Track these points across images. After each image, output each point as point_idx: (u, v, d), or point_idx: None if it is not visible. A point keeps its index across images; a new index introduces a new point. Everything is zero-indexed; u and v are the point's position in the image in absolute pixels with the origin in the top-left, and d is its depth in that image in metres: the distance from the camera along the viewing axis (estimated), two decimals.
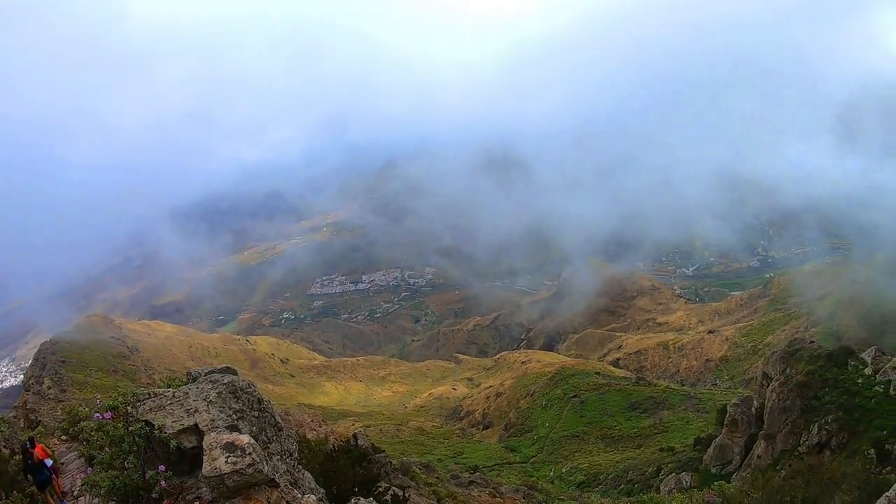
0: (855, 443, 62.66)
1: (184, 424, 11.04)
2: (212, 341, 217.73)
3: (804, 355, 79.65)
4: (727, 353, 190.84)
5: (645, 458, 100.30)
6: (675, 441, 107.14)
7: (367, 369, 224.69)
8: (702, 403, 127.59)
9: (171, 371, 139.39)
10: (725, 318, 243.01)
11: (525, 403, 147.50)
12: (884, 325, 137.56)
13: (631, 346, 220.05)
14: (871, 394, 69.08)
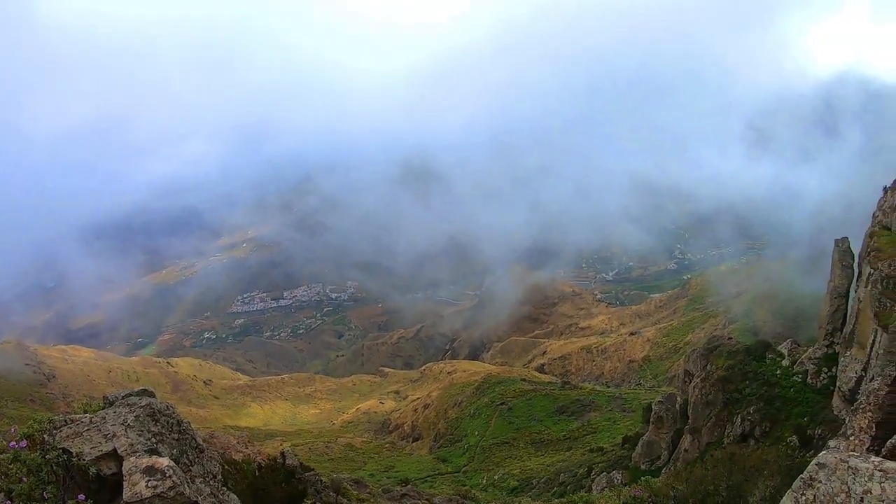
0: (777, 431, 64.07)
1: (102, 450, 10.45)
2: (132, 365, 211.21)
3: (723, 351, 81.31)
4: (649, 354, 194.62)
5: (575, 459, 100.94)
6: (603, 441, 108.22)
7: (293, 387, 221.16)
8: (627, 403, 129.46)
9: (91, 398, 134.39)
10: (646, 320, 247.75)
11: (453, 413, 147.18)
12: (798, 319, 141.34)
13: (555, 351, 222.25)
14: (789, 384, 71.05)
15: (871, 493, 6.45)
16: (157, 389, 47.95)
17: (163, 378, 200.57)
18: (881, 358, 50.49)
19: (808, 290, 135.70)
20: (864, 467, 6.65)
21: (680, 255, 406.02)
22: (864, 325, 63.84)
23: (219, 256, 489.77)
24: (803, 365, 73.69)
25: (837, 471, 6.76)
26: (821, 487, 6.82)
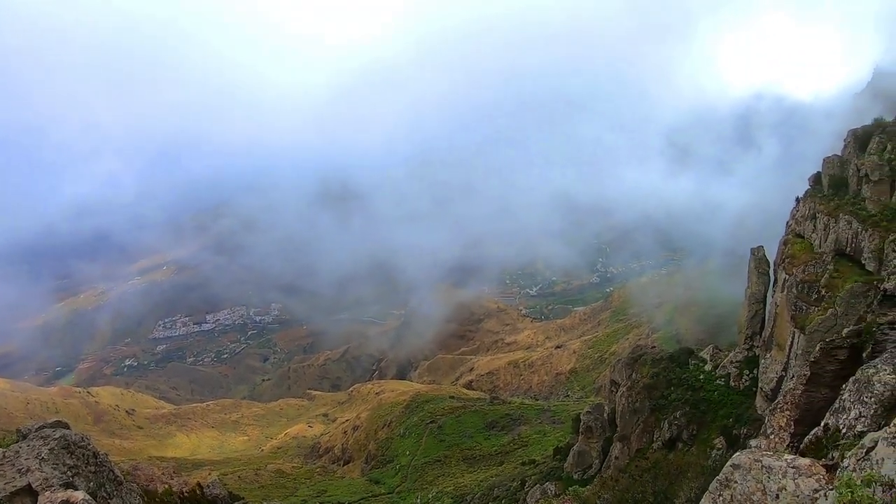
0: (705, 433, 65.53)
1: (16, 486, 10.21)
2: (50, 395, 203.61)
3: (648, 360, 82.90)
4: (576, 366, 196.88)
5: (508, 473, 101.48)
6: (535, 454, 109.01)
7: (219, 414, 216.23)
8: (556, 415, 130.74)
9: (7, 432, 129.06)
10: (571, 333, 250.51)
11: (383, 434, 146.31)
12: (719, 325, 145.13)
13: (482, 367, 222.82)
14: (713, 387, 72.92)
15: (785, 490, 6.72)
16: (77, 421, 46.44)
17: (83, 409, 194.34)
18: (799, 358, 52.17)
19: (727, 297, 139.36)
20: (777, 465, 6.94)
21: (602, 269, 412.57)
22: (782, 327, 66.10)
23: (137, 280, 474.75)
24: (725, 369, 76.06)
25: (752, 470, 7.04)
26: (737, 487, 7.08)
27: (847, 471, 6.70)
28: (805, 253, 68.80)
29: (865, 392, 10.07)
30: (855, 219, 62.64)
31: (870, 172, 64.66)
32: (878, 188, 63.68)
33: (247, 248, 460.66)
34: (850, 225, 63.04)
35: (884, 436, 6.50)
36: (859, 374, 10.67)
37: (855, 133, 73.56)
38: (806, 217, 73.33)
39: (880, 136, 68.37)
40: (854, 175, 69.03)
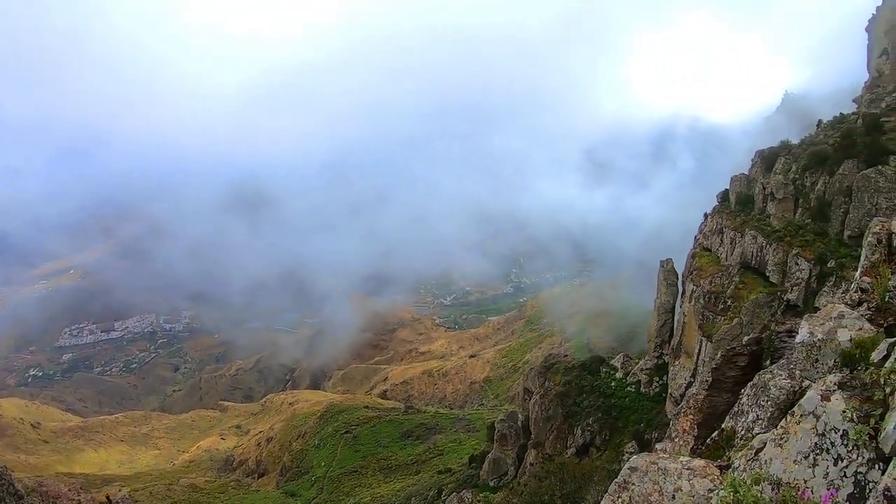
0: (617, 438, 67.10)
1: None
2: None
3: (560, 368, 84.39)
4: (490, 374, 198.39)
5: (425, 482, 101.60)
6: (451, 462, 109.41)
7: (129, 427, 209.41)
8: (472, 423, 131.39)
9: None
10: (485, 342, 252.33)
11: (298, 445, 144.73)
12: (630, 334, 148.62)
13: (397, 376, 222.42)
14: (624, 394, 74.80)
15: (681, 490, 7.09)
16: None
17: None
18: (707, 365, 53.92)
19: (637, 307, 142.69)
20: (673, 467, 7.31)
21: (516, 279, 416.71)
22: (690, 336, 68.50)
23: (41, 285, 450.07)
24: (636, 376, 78.27)
25: (649, 472, 7.40)
26: (634, 489, 7.43)
27: (738, 471, 7.07)
28: (712, 265, 71.51)
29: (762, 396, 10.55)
30: (760, 234, 65.60)
31: (775, 191, 67.79)
32: (782, 205, 66.81)
33: (155, 254, 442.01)
34: (755, 240, 65.90)
35: (771, 437, 6.91)
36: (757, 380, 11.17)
37: (762, 154, 77.30)
38: (713, 232, 76.33)
39: (786, 157, 72.10)
40: (760, 193, 72.27)
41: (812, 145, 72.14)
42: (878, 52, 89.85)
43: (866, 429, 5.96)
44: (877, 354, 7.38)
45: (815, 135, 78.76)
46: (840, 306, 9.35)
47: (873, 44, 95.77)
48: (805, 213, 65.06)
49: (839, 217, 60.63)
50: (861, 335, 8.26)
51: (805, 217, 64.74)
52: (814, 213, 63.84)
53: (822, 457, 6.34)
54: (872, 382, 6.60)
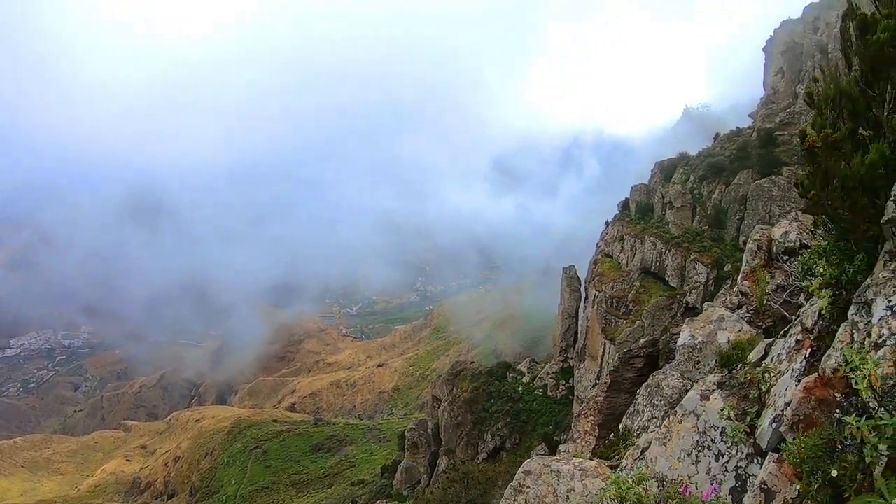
0: (527, 441, 68.11)
1: None
2: None
3: (467, 374, 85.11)
4: (398, 383, 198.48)
5: (339, 495, 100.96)
6: (363, 473, 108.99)
7: (28, 451, 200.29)
8: (382, 433, 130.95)
9: None
10: (392, 351, 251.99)
11: (207, 464, 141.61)
12: (535, 339, 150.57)
13: (304, 388, 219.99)
14: (531, 398, 75.95)
15: (574, 491, 7.35)
16: None
17: None
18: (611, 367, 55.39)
19: (543, 312, 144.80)
20: (565, 469, 7.57)
21: (422, 287, 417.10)
22: (594, 339, 70.19)
23: None
24: (543, 380, 79.76)
25: (542, 475, 7.64)
26: (529, 492, 7.66)
27: (626, 470, 7.36)
28: (614, 271, 73.72)
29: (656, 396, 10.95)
30: (660, 240, 68.20)
31: (673, 199, 70.66)
32: (680, 213, 69.69)
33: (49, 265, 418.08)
34: (655, 246, 68.38)
35: (656, 436, 7.20)
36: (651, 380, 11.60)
37: (661, 164, 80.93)
38: (615, 239, 78.83)
39: (684, 167, 75.71)
40: (659, 201, 75.22)
41: (709, 157, 75.70)
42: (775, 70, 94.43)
43: (742, 426, 6.32)
44: (754, 354, 7.80)
45: (712, 147, 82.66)
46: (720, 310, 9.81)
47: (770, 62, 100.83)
48: (702, 220, 67.85)
49: (735, 224, 63.50)
50: (740, 337, 8.70)
51: (702, 224, 67.52)
52: (710, 221, 66.71)
53: (703, 453, 6.69)
54: (749, 381, 6.98)
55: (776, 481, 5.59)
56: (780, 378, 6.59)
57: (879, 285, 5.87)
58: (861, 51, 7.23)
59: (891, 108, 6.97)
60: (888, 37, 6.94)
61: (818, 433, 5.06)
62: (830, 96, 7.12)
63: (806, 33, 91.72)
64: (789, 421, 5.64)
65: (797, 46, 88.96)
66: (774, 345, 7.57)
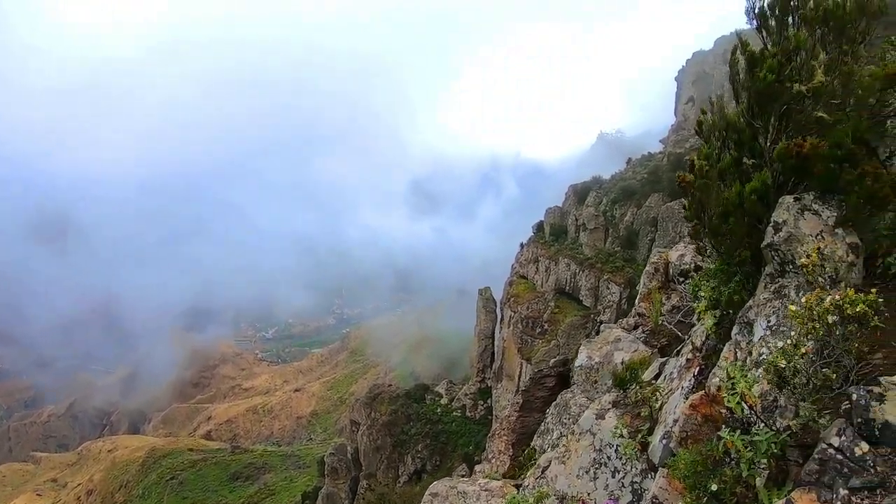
0: (448, 462, 68.28)
1: None
2: None
3: (385, 398, 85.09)
4: (316, 408, 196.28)
5: None
6: (284, 501, 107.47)
7: None
8: (302, 459, 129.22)
9: None
10: (309, 375, 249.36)
11: (121, 497, 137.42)
12: (453, 360, 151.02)
13: (221, 415, 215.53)
14: (451, 419, 76.17)
15: None
16: None
17: None
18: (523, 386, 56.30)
19: (460, 333, 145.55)
20: (471, 490, 7.74)
21: (339, 311, 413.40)
22: (510, 360, 70.98)
23: None
24: (461, 401, 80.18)
25: (449, 497, 7.80)
26: None
27: (528, 489, 7.56)
28: (529, 292, 74.92)
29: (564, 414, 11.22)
30: (573, 261, 69.88)
31: (587, 221, 72.68)
32: (593, 235, 71.73)
33: None
34: (569, 267, 69.91)
35: (555, 455, 7.43)
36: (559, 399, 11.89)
37: (575, 188, 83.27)
38: (529, 260, 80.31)
39: (597, 190, 78.14)
40: (573, 224, 77.26)
41: (622, 180, 78.26)
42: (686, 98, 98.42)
43: (634, 443, 6.60)
44: (649, 373, 8.12)
45: (625, 171, 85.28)
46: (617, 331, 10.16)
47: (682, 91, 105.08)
48: (615, 241, 69.71)
49: (646, 244, 65.27)
50: (636, 357, 9.04)
51: (615, 245, 69.35)
52: (623, 242, 68.56)
53: (601, 470, 6.94)
54: (641, 400, 7.28)
55: (666, 496, 5.84)
56: (671, 396, 6.89)
57: (760, 306, 6.22)
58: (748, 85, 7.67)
59: (773, 139, 7.42)
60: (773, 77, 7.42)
61: (698, 449, 5.34)
62: (717, 127, 7.54)
63: (716, 64, 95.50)
64: (677, 437, 5.91)
65: (707, 76, 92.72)
66: (668, 364, 7.90)
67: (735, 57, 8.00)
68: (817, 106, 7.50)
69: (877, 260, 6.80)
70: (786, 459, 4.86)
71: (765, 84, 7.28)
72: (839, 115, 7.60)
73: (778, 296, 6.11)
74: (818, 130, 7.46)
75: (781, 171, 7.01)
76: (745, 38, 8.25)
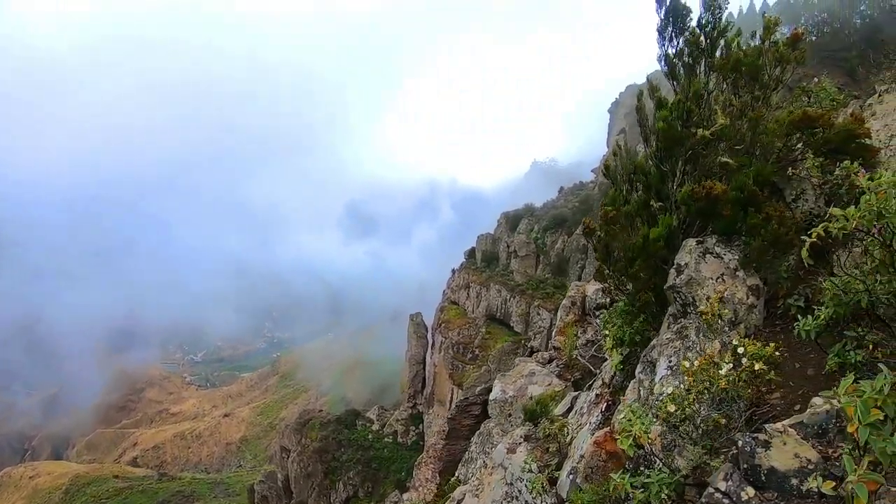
0: (381, 488, 68.29)
1: None
2: None
3: (316, 423, 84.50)
4: (246, 434, 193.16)
5: None
6: None
7: None
8: (231, 487, 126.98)
9: None
10: (239, 400, 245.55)
11: None
12: (384, 384, 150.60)
13: (147, 441, 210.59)
14: (382, 445, 76.05)
15: None
16: None
17: None
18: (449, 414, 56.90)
19: (392, 358, 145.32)
20: None
21: (269, 334, 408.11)
22: (442, 385, 71.18)
23: None
24: (392, 426, 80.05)
25: None
26: None
27: None
28: (460, 318, 75.42)
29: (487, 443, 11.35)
30: (504, 288, 70.81)
31: (518, 248, 73.81)
32: (524, 262, 72.85)
33: None
34: (500, 293, 70.77)
35: (469, 489, 7.55)
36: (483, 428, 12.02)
37: (507, 215, 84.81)
38: (461, 286, 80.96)
39: (529, 218, 79.54)
40: (504, 250, 78.45)
41: (554, 208, 79.73)
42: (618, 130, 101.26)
43: (541, 478, 6.74)
44: (561, 407, 8.30)
45: (556, 199, 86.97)
46: (532, 364, 10.35)
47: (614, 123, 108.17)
48: (545, 268, 70.77)
49: (576, 272, 66.43)
50: (550, 390, 9.22)
51: (545, 272, 70.40)
52: (553, 269, 69.64)
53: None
54: (551, 434, 7.44)
55: None
56: (580, 431, 7.07)
57: (663, 346, 6.44)
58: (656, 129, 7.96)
59: (679, 183, 7.69)
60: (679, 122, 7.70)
61: (594, 489, 5.50)
62: (625, 170, 7.79)
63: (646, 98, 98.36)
64: (583, 473, 6.08)
65: None
66: (579, 398, 8.08)
67: (642, 102, 8.29)
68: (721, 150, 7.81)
69: (778, 301, 7.07)
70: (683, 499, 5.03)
71: (669, 129, 7.55)
72: (744, 160, 7.91)
73: (679, 336, 6.34)
74: (724, 174, 7.76)
75: (687, 214, 7.26)
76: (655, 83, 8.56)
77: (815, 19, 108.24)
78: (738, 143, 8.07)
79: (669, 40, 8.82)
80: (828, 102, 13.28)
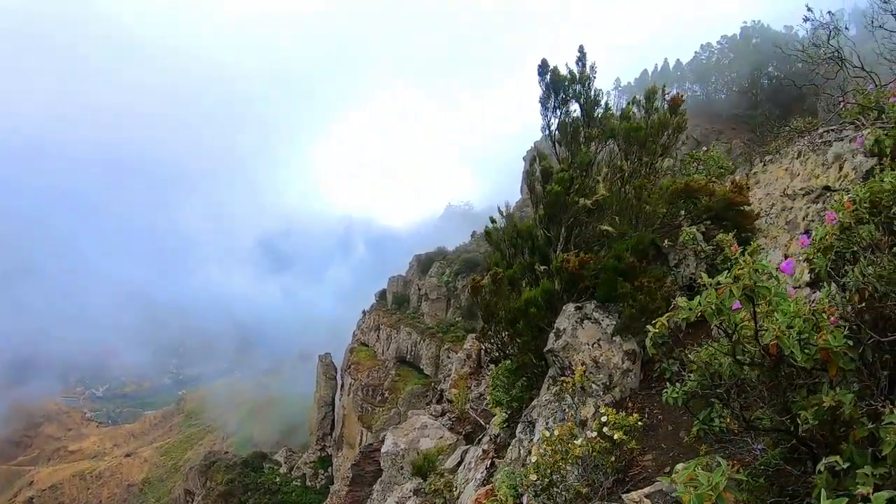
0: None
1: None
2: None
3: (222, 466, 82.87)
4: (149, 475, 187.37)
5: None
6: None
7: None
8: None
9: None
10: (142, 439, 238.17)
11: None
12: (293, 425, 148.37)
13: (44, 480, 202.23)
14: (290, 489, 74.93)
15: None
16: None
17: None
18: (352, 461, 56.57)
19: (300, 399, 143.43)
20: None
21: (175, 370, 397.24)
22: (351, 427, 70.69)
23: None
24: (301, 469, 78.99)
25: None
26: None
27: None
28: (370, 360, 75.38)
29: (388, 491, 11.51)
30: (415, 330, 71.31)
31: (429, 292, 74.49)
32: (435, 305, 73.49)
33: None
34: (410, 335, 71.19)
35: None
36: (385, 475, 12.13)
37: (419, 258, 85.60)
38: (371, 328, 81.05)
39: (440, 261, 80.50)
40: (416, 293, 79.07)
41: (466, 252, 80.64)
42: None
43: None
44: (452, 461, 8.58)
45: (469, 243, 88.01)
46: (424, 417, 10.63)
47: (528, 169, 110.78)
48: (456, 311, 71.50)
49: None
50: (441, 444, 9.51)
51: (456, 315, 71.12)
52: (464, 313, 70.34)
53: None
54: (438, 490, 7.71)
55: None
56: (467, 486, 7.36)
57: (542, 407, 6.83)
58: (542, 196, 8.44)
59: (564, 248, 8.16)
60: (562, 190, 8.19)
61: None
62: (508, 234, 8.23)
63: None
64: None
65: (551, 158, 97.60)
66: (469, 452, 8.39)
67: (534, 167, 8.77)
68: (602, 219, 8.31)
69: (655, 364, 7.51)
70: None
71: (554, 196, 8.02)
72: (627, 228, 8.43)
73: (557, 398, 6.72)
74: (604, 241, 8.26)
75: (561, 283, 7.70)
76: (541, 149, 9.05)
77: (725, 79, 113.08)
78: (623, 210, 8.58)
79: (553, 111, 9.34)
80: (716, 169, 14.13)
